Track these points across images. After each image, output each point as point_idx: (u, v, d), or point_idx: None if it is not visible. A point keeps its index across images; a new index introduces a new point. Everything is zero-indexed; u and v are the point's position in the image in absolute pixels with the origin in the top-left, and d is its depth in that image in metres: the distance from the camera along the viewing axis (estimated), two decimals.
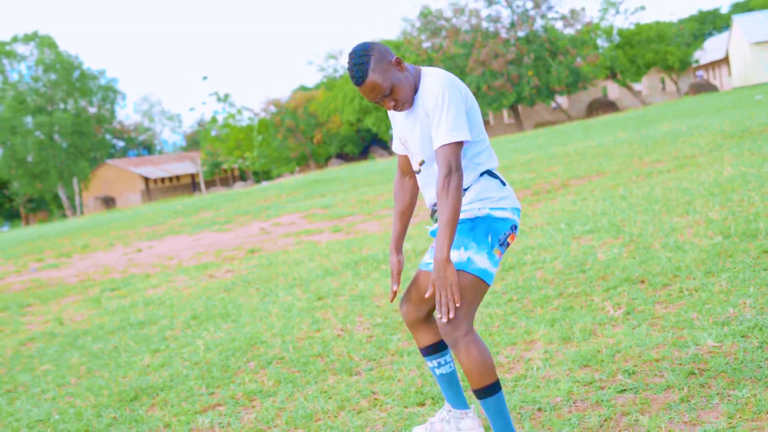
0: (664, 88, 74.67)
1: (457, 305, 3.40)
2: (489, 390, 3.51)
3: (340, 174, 34.72)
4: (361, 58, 3.54)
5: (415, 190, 4.01)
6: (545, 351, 5.10)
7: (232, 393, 5.44)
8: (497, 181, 3.67)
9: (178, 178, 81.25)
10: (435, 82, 3.57)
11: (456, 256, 3.52)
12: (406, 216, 4.00)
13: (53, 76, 72.83)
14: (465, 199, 3.62)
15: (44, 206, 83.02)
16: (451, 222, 3.38)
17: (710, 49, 73.27)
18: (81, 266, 16.73)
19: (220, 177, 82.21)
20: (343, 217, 17.27)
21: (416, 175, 3.80)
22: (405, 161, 3.97)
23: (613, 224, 8.83)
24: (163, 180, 79.39)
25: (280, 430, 4.61)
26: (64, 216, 71.69)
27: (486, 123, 72.90)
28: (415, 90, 3.65)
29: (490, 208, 3.61)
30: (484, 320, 6.10)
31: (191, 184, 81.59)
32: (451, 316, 3.39)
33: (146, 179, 76.59)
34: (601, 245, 7.89)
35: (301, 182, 33.88)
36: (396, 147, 3.93)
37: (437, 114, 3.49)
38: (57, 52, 72.66)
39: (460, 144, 3.46)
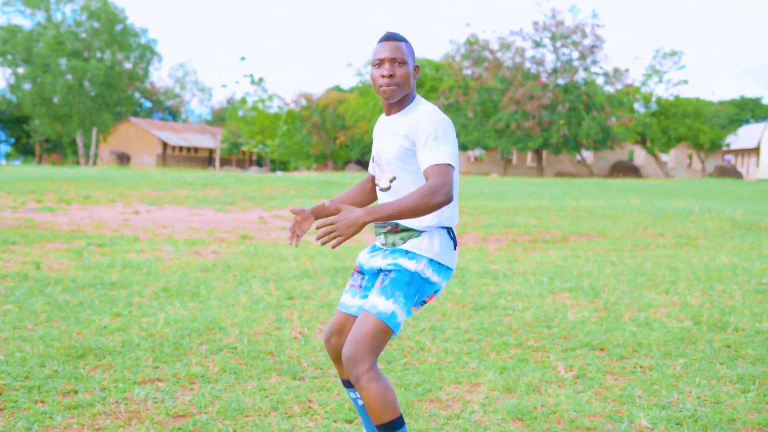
0: (690, 165, 74.60)
1: (334, 244, 3.37)
2: (389, 426, 3.55)
3: (354, 180, 34.78)
4: (403, 36, 3.73)
5: (371, 197, 4.07)
6: (486, 396, 5.13)
7: (176, 372, 5.49)
8: (452, 243, 3.70)
9: (196, 149, 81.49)
10: (435, 113, 3.62)
11: (383, 305, 3.57)
12: (350, 200, 4.05)
13: (96, 24, 73.20)
14: (415, 243, 3.65)
15: (60, 149, 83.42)
16: (403, 214, 3.38)
17: (743, 136, 73.20)
18: (77, 216, 16.82)
19: (237, 157, 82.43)
20: None
21: (383, 192, 3.78)
22: (374, 179, 4.03)
23: (593, 288, 8.86)
24: (181, 148, 79.63)
25: (209, 417, 4.65)
26: (77, 163, 72.05)
27: (508, 161, 72.95)
28: (404, 104, 3.73)
29: (433, 271, 3.65)
30: (439, 354, 6.14)
31: (208, 158, 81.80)
32: (329, 241, 3.35)
33: (165, 144, 76.82)
34: (574, 305, 7.93)
35: (314, 179, 33.97)
36: (371, 167, 3.97)
37: (433, 138, 3.51)
38: (104, 1, 73.04)
39: (452, 167, 3.48)
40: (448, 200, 3.41)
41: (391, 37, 3.69)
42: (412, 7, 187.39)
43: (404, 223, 3.66)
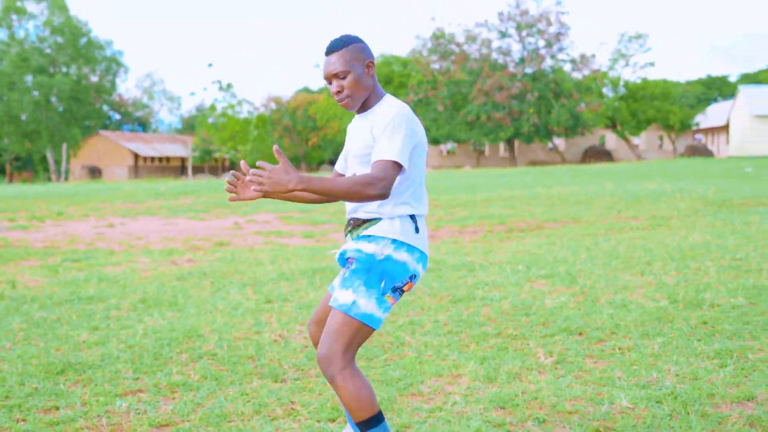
0: (661, 146, 75.08)
1: (255, 192, 3.37)
2: (368, 423, 3.55)
3: None
4: (346, 37, 3.68)
5: None
6: (468, 387, 5.16)
7: (157, 382, 5.48)
8: (413, 226, 3.66)
9: (167, 159, 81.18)
10: (394, 108, 3.62)
11: (343, 297, 3.55)
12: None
13: (60, 39, 72.69)
14: (376, 228, 3.62)
15: (30, 166, 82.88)
16: (334, 193, 3.34)
17: (712, 115, 73.76)
18: (50, 232, 16.72)
19: (209, 165, 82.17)
20: (319, 224, 17.33)
21: None
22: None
23: (570, 273, 8.91)
24: (152, 159, 79.30)
25: (191, 425, 4.65)
26: (49, 179, 71.57)
27: (480, 153, 73.12)
28: (369, 104, 3.73)
29: (396, 249, 3.60)
30: (418, 348, 6.16)
31: (180, 167, 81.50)
32: (254, 189, 3.29)
33: (136, 155, 76.48)
34: (552, 292, 7.97)
35: None
36: (339, 164, 3.99)
37: (387, 133, 3.52)
38: (67, 16, 72.55)
39: (399, 166, 3.50)
40: (382, 195, 3.40)
41: (329, 50, 3.66)
42: (377, 4, 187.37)
43: (366, 215, 3.67)
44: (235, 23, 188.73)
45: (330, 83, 3.69)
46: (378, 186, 3.38)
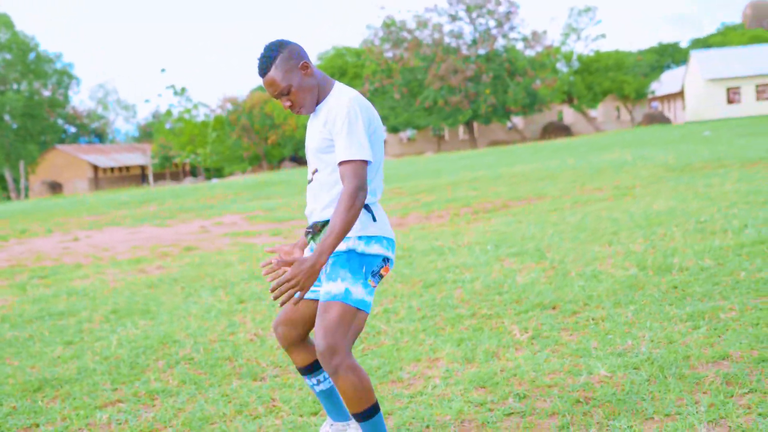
0: (618, 117, 75.57)
1: (291, 300, 3.42)
2: (367, 414, 3.58)
3: (291, 177, 34.69)
4: (270, 52, 3.63)
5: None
6: (446, 370, 5.18)
7: (136, 391, 5.45)
8: (369, 216, 3.66)
9: (127, 168, 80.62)
10: (345, 99, 3.61)
11: (334, 288, 3.56)
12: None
13: (8, 56, 71.89)
14: None
15: None
16: (343, 233, 3.42)
17: (666, 82, 74.36)
18: (15, 251, 16.54)
19: (170, 171, 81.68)
20: (285, 221, 17.29)
21: (309, 185, 3.78)
22: None
23: (538, 249, 8.97)
24: (112, 169, 78.71)
25: (174, 430, 4.64)
26: (8, 198, 70.73)
27: (441, 138, 73.24)
28: (320, 99, 3.71)
29: (366, 244, 3.62)
30: (395, 335, 6.18)
31: (140, 176, 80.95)
32: (278, 298, 3.40)
33: (95, 167, 75.87)
34: (522, 269, 8.02)
35: (249, 183, 33.81)
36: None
37: (345, 129, 3.52)
38: (13, 32, 71.71)
39: (366, 163, 3.51)
40: (365, 196, 3.46)
41: (262, 72, 3.64)
42: None
43: (321, 218, 3.68)
44: (184, 27, 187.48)
45: (277, 98, 3.69)
46: (360, 195, 3.45)
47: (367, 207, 3.66)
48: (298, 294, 3.43)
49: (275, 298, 3.41)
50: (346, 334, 3.54)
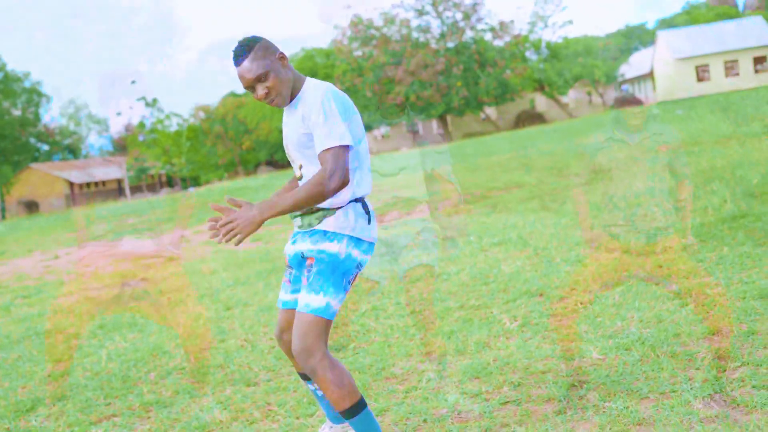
0: (590, 102, 75.81)
1: (235, 242, 3.42)
2: (352, 410, 3.58)
3: (269, 182, 34.60)
4: (247, 42, 3.63)
5: None
6: (439, 363, 5.18)
7: (129, 404, 5.43)
8: (366, 217, 3.67)
9: (104, 183, 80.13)
10: (319, 90, 3.61)
11: (316, 302, 3.56)
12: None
13: None
14: (332, 222, 3.63)
15: None
16: (298, 206, 3.43)
17: (636, 64, 74.60)
18: None
19: (146, 183, 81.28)
20: (265, 226, 17.24)
21: (299, 182, 3.77)
22: None
23: (521, 237, 8.99)
24: (88, 185, 78.22)
25: None
26: None
27: (415, 133, 73.22)
28: (294, 94, 3.69)
29: (354, 247, 3.63)
30: (385, 332, 6.18)
31: (117, 190, 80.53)
32: (224, 238, 3.41)
33: (71, 184, 75.37)
34: (507, 258, 8.04)
35: (227, 189, 33.70)
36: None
37: (322, 119, 3.51)
38: None
39: (346, 148, 3.49)
40: (344, 183, 3.44)
41: (239, 59, 3.62)
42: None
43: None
44: (151, 38, 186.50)
45: (254, 90, 3.64)
46: (335, 178, 3.42)
47: (366, 208, 3.68)
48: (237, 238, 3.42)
49: (212, 237, 3.43)
50: (319, 337, 3.56)
